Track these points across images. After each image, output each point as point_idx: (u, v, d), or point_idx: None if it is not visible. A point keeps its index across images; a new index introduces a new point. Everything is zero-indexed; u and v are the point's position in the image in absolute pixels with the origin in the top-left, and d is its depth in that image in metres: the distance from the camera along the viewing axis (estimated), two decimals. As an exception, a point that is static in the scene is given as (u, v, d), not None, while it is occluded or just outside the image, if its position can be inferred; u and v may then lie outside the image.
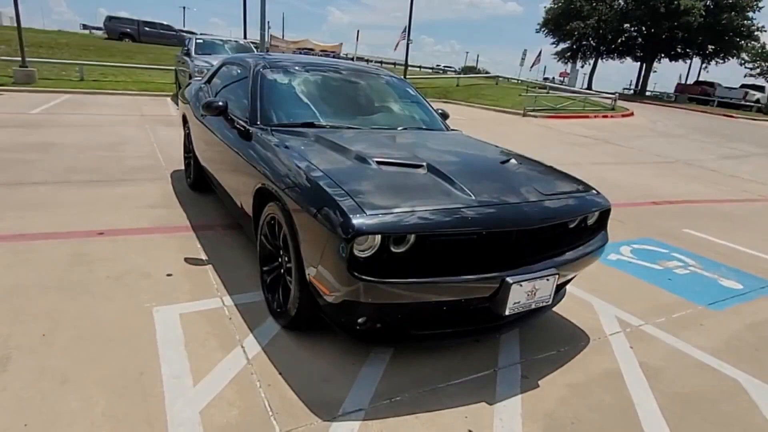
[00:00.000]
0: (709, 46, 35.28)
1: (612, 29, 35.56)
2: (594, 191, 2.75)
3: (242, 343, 2.41)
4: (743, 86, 33.39)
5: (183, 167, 5.27)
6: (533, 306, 2.26)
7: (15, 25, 12.71)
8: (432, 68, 56.88)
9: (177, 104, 8.17)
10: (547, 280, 2.22)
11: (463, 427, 2.01)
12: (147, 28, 30.22)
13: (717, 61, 37.30)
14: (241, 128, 3.17)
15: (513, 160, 2.95)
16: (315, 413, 1.99)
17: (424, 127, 3.76)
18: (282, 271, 2.56)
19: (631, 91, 41.03)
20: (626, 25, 36.16)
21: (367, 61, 38.43)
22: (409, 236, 2.02)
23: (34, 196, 4.33)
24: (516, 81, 30.71)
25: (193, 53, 11.11)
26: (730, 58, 36.61)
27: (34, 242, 3.37)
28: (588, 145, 11.03)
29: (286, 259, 2.45)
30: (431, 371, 2.33)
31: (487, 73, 34.53)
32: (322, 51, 35.41)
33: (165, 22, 32.14)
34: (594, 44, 38.86)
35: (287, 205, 2.33)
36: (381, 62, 41.14)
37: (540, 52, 34.73)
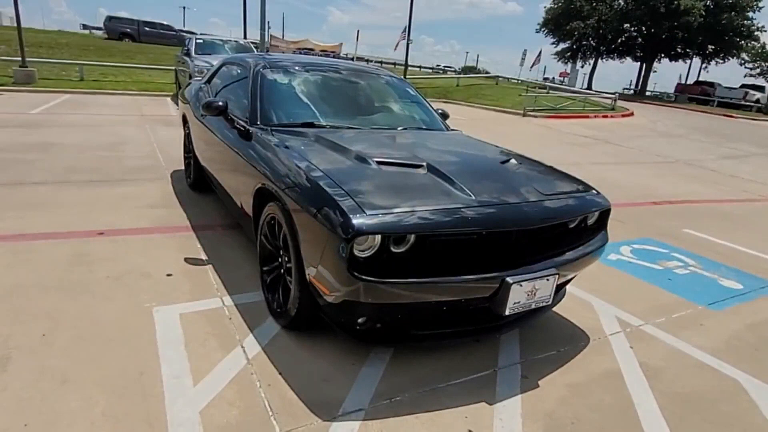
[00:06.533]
0: (709, 46, 35.28)
1: (612, 29, 35.55)
2: (594, 191, 2.75)
3: (242, 343, 2.41)
4: (743, 86, 33.39)
5: (183, 167, 5.27)
6: (533, 306, 2.26)
7: (15, 25, 12.72)
8: (432, 68, 56.88)
9: (177, 104, 8.17)
10: (547, 280, 2.22)
11: (463, 427, 2.01)
12: (147, 28, 30.21)
13: (717, 61, 37.31)
14: (241, 128, 3.17)
15: (513, 160, 2.95)
16: (315, 413, 1.99)
17: (424, 127, 3.76)
18: (282, 271, 2.56)
19: (631, 91, 41.02)
20: (626, 25, 36.13)
21: (367, 61, 38.41)
22: (409, 236, 2.02)
23: (34, 196, 4.33)
24: (516, 81, 30.71)
25: (193, 53, 11.11)
26: (730, 58, 36.62)
27: (34, 242, 3.37)
28: (588, 145, 11.03)
29: (286, 259, 2.45)
30: (431, 371, 2.33)
31: (487, 73, 34.54)
32: (322, 51, 35.37)
33: (165, 22, 32.14)
34: (594, 44, 38.85)
35: (287, 205, 2.33)
36: (381, 62, 41.13)
37: (540, 52, 34.84)
